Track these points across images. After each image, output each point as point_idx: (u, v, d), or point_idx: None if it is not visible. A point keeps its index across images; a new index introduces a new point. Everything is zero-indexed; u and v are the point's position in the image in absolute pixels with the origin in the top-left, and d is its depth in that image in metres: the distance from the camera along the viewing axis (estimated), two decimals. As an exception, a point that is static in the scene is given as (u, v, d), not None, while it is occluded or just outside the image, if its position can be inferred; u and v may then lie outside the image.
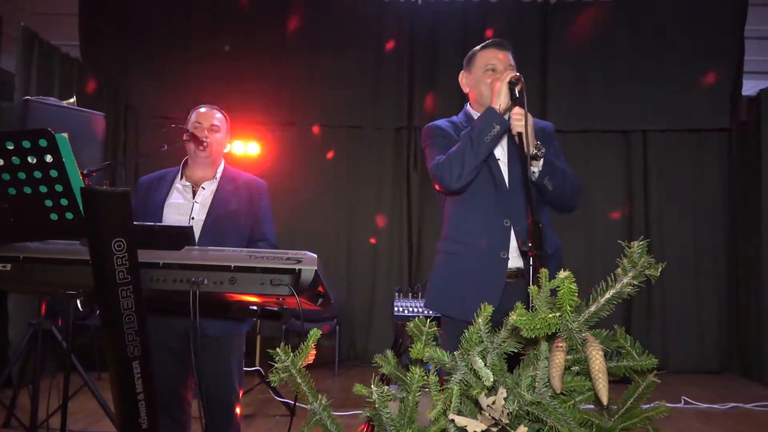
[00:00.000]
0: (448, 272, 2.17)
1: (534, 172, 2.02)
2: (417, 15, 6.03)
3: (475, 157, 2.02)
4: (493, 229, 2.09)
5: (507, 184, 2.12)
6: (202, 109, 2.51)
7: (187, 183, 2.43)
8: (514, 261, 2.07)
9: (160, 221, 2.32)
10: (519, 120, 1.95)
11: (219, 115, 2.51)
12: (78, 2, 5.77)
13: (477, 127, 2.03)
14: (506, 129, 2.02)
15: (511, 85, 1.99)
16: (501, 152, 2.17)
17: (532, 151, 1.97)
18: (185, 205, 2.38)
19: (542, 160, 2.03)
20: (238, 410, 2.40)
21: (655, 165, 6.12)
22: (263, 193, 2.52)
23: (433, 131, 2.23)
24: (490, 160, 2.11)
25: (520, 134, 1.94)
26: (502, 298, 1.99)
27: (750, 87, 6.02)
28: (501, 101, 2.01)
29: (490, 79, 2.14)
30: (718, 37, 5.88)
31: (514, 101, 1.99)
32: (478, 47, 2.22)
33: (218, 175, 2.46)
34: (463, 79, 2.26)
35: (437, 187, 2.16)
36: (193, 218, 2.34)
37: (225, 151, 2.54)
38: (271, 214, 2.54)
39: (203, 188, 2.41)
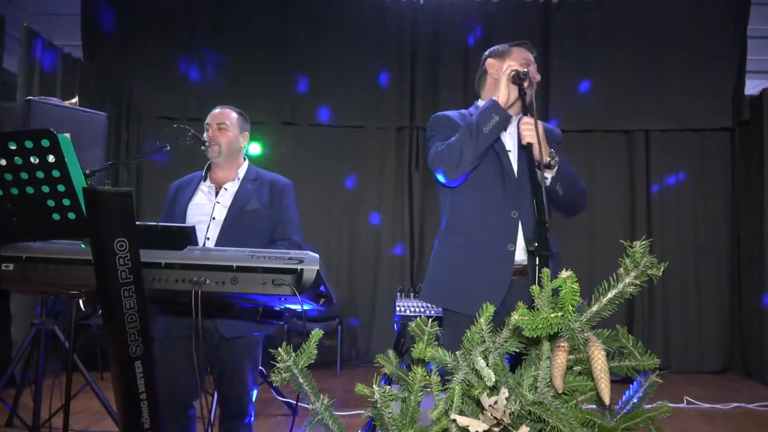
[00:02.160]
0: (451, 264, 2.07)
1: (546, 179, 1.95)
2: (419, 14, 6.04)
3: (473, 147, 1.97)
4: (500, 221, 2.03)
5: (516, 176, 2.06)
6: (215, 110, 2.52)
7: (212, 185, 2.45)
8: (520, 255, 2.02)
9: (185, 222, 2.32)
10: (529, 130, 1.89)
11: (233, 114, 2.50)
12: (80, 2, 5.78)
13: (476, 117, 1.99)
14: (505, 121, 1.98)
15: (519, 80, 1.97)
16: (511, 144, 2.12)
17: (546, 159, 1.91)
18: (207, 206, 2.39)
19: (555, 168, 1.97)
20: (252, 412, 2.37)
21: (657, 165, 6.11)
22: (287, 193, 2.48)
23: (438, 121, 2.19)
24: (500, 150, 2.07)
25: (530, 144, 1.88)
26: (506, 294, 1.96)
27: (752, 86, 6.01)
28: (500, 93, 1.97)
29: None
30: (721, 36, 5.88)
31: (522, 99, 1.97)
32: (510, 44, 2.17)
33: (240, 176, 2.46)
34: (493, 65, 2.16)
35: (438, 177, 2.08)
36: (213, 218, 2.35)
37: (246, 151, 2.52)
38: (297, 213, 2.50)
39: (225, 189, 2.42)
